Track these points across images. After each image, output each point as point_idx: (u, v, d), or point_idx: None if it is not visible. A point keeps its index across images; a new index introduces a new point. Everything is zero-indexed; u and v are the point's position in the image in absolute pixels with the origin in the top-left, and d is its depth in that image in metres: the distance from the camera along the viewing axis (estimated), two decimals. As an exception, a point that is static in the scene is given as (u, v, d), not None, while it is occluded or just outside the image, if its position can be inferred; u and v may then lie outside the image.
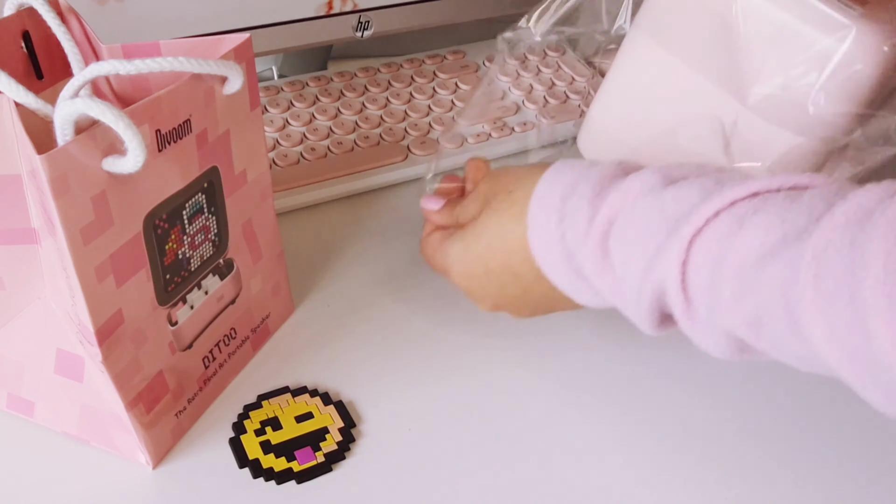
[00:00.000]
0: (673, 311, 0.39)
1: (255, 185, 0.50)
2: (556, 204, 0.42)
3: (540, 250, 0.43)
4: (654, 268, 0.38)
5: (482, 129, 0.74)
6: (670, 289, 0.38)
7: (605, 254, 0.41)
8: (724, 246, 0.36)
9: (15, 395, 0.48)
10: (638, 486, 0.47)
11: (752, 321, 0.35)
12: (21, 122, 0.38)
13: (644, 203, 0.39)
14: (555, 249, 0.43)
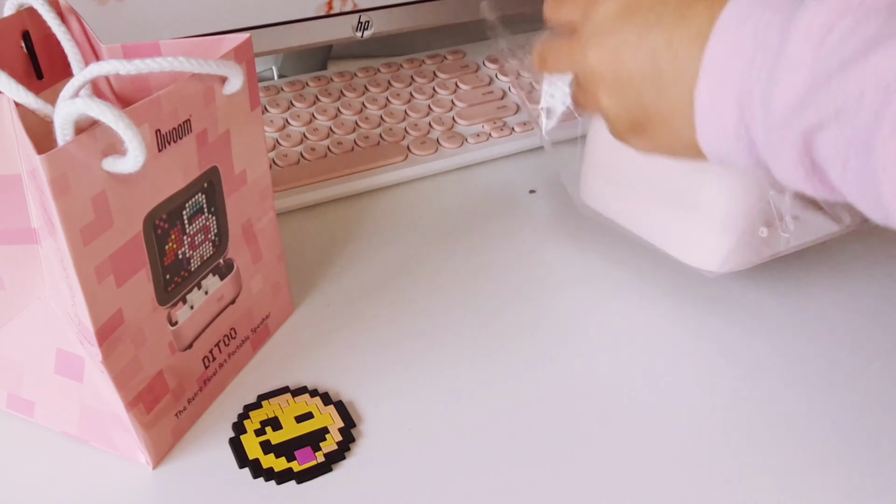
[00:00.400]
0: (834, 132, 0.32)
1: (255, 185, 0.50)
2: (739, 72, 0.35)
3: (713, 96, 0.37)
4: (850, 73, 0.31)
5: (482, 128, 0.74)
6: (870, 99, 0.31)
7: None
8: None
9: (15, 395, 0.48)
10: (639, 486, 0.47)
11: (839, 108, 0.30)
12: (21, 122, 0.38)
13: None
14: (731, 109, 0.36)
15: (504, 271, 0.62)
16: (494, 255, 0.63)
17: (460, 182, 0.71)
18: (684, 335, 0.57)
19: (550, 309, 0.58)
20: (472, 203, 0.68)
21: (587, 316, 0.58)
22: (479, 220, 0.67)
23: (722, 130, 0.37)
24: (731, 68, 0.35)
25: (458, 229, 0.65)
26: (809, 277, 0.61)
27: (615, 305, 0.59)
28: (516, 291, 0.60)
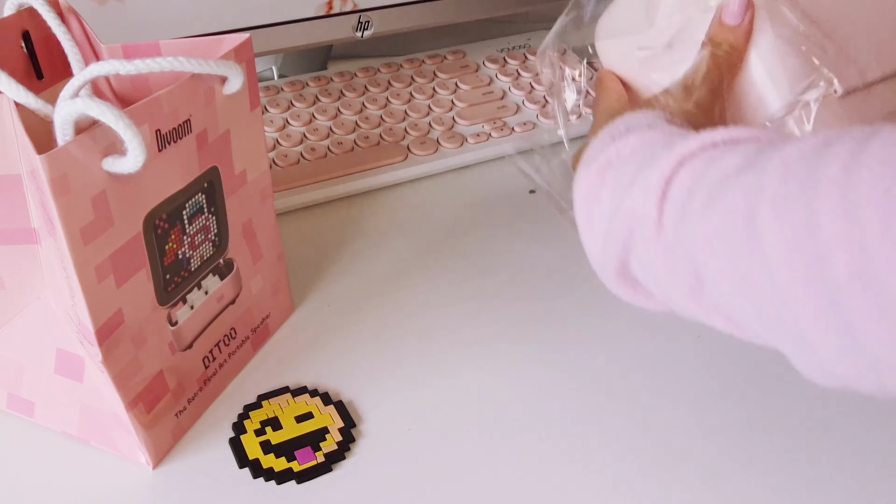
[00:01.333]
0: (641, 236, 0.39)
1: (255, 185, 0.50)
2: (596, 139, 0.45)
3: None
4: (637, 183, 0.39)
5: (482, 128, 0.74)
6: (647, 206, 0.38)
7: (601, 178, 0.42)
8: (709, 166, 0.36)
9: (15, 395, 0.48)
10: (640, 486, 0.47)
11: (714, 233, 0.35)
12: (21, 122, 0.38)
13: (651, 134, 0.41)
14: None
15: (504, 271, 0.62)
16: (494, 255, 0.63)
17: (460, 182, 0.71)
18: (687, 334, 0.57)
19: (551, 309, 0.58)
20: (472, 203, 0.68)
21: (588, 316, 0.58)
22: (479, 220, 0.66)
23: None
24: None
25: (457, 229, 0.65)
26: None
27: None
28: (516, 291, 0.60)
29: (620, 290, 0.43)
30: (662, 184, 0.38)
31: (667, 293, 0.39)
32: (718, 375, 0.54)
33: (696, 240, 0.36)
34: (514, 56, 0.83)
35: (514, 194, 0.70)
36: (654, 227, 0.38)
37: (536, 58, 0.60)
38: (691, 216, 0.36)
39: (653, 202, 0.38)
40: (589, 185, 0.43)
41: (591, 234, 0.43)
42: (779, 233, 0.31)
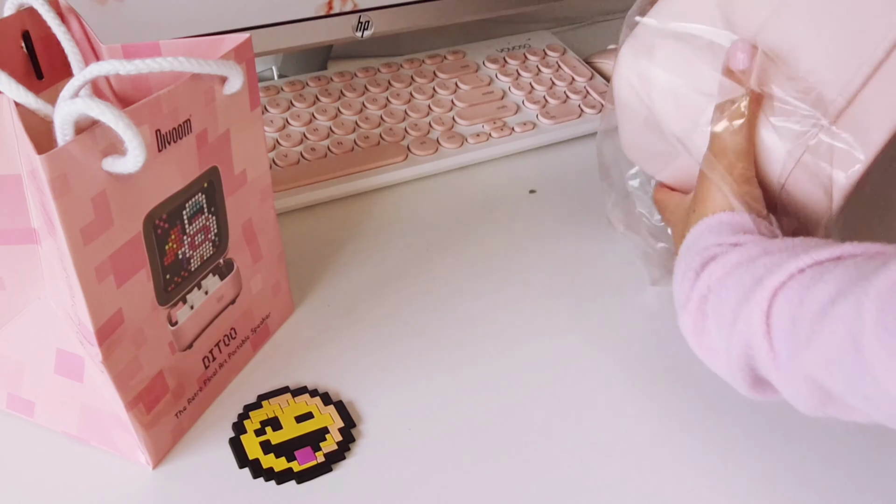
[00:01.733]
0: (760, 361, 0.41)
1: (255, 185, 0.50)
2: (682, 250, 0.48)
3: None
4: (740, 325, 0.41)
5: (482, 128, 0.74)
6: (756, 340, 0.41)
7: (702, 316, 0.44)
8: (803, 296, 0.38)
9: (15, 395, 0.48)
10: (641, 486, 0.47)
11: (824, 361, 0.37)
12: (21, 122, 0.38)
13: (738, 272, 0.43)
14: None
15: (504, 271, 0.62)
16: (494, 255, 0.63)
17: (460, 182, 0.71)
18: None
19: (551, 309, 0.58)
20: (472, 203, 0.68)
21: (588, 316, 0.58)
22: (479, 220, 0.67)
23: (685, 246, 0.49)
24: None
25: (458, 229, 0.65)
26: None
27: (616, 306, 0.59)
28: (517, 292, 0.60)
29: (761, 398, 0.45)
30: (764, 318, 0.40)
31: (800, 401, 0.41)
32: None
33: (811, 365, 0.38)
34: (514, 56, 0.83)
35: (514, 194, 0.70)
36: (767, 355, 0.40)
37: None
38: (800, 347, 0.38)
39: (760, 336, 0.40)
40: (694, 322, 0.45)
41: (714, 361, 0.45)
42: (887, 360, 0.34)
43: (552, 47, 0.85)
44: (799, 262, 0.40)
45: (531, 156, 0.74)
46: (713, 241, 0.46)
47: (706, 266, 0.45)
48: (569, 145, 0.76)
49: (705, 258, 0.45)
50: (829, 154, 0.47)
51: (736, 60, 0.48)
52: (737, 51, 0.48)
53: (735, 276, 0.43)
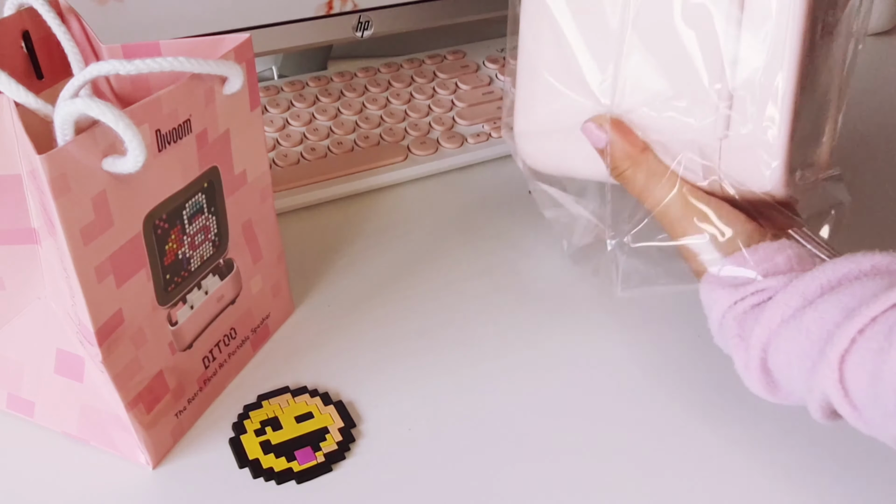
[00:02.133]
0: (843, 413, 0.40)
1: (255, 185, 0.50)
2: (714, 320, 0.47)
3: (709, 321, 0.47)
4: (815, 387, 0.41)
5: (482, 128, 0.74)
6: (835, 401, 0.40)
7: (768, 374, 0.44)
8: (878, 361, 0.38)
9: (15, 395, 0.48)
10: (641, 486, 0.47)
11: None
12: (21, 122, 0.38)
13: (788, 331, 0.42)
14: (718, 339, 0.47)
15: (504, 271, 0.62)
16: (494, 255, 0.63)
17: (460, 182, 0.71)
18: (688, 334, 0.57)
19: (551, 309, 0.58)
20: (472, 203, 0.68)
21: (588, 316, 0.58)
22: (479, 221, 0.67)
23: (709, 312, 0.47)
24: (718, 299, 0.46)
25: (457, 229, 0.65)
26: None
27: (617, 305, 0.59)
28: (517, 292, 0.60)
29: (837, 420, 0.44)
30: (838, 385, 0.39)
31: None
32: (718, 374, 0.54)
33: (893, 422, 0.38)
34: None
35: (514, 194, 0.70)
36: (851, 413, 0.40)
37: None
38: (888, 417, 0.38)
39: (838, 398, 0.40)
40: (762, 384, 0.44)
41: (783, 397, 0.45)
42: None
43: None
44: (855, 324, 0.39)
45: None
46: (729, 298, 0.45)
47: (744, 326, 0.44)
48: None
49: (738, 316, 0.44)
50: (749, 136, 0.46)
51: (596, 139, 0.48)
52: (591, 132, 0.49)
53: (786, 338, 0.42)
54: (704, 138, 0.47)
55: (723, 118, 0.46)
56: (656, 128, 0.48)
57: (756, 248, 0.45)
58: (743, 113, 0.46)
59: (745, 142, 0.46)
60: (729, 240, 0.46)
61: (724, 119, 0.46)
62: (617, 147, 0.48)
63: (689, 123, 0.47)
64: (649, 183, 0.48)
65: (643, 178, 0.48)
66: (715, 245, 0.46)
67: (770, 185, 0.46)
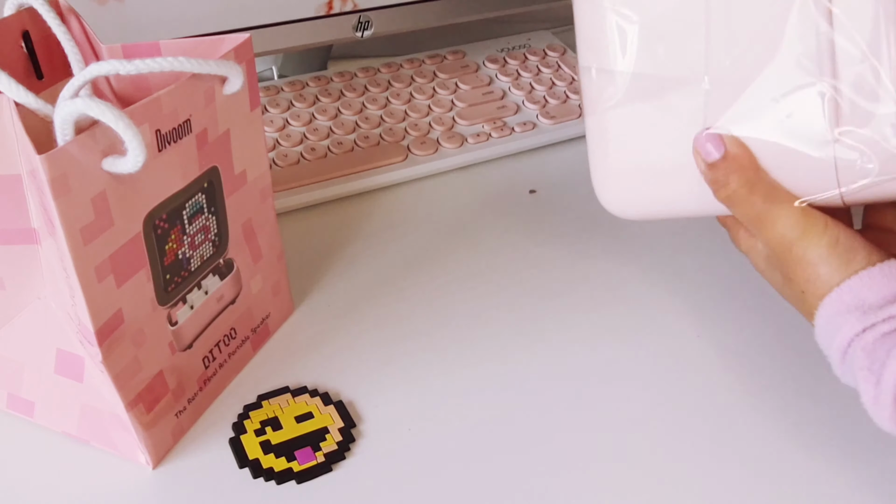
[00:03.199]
0: None
1: (255, 185, 0.50)
2: (838, 348, 0.43)
3: (827, 348, 0.44)
4: None
5: (482, 128, 0.74)
6: None
7: None
8: None
9: (15, 395, 0.48)
10: (641, 487, 0.47)
11: None
12: (21, 122, 0.38)
13: None
14: (840, 370, 0.44)
15: (504, 272, 0.62)
16: (494, 255, 0.63)
17: (460, 182, 0.71)
18: (688, 333, 0.57)
19: (551, 309, 0.58)
20: (472, 203, 0.68)
21: (588, 316, 0.58)
22: (479, 220, 0.66)
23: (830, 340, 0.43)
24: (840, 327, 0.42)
25: (457, 229, 0.65)
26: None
27: (616, 305, 0.59)
28: (517, 292, 0.60)
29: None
30: None
31: None
32: (718, 374, 0.54)
33: None
34: (514, 56, 0.83)
35: (514, 194, 0.70)
36: None
37: None
38: None
39: None
40: (892, 413, 0.41)
41: None
42: None
43: (552, 47, 0.85)
44: None
45: (531, 156, 0.74)
46: (857, 324, 0.41)
47: (875, 357, 0.40)
48: (569, 145, 0.76)
49: (867, 347, 0.41)
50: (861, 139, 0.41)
51: (708, 153, 0.44)
52: (703, 144, 0.44)
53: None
54: (815, 145, 0.42)
55: (831, 115, 0.42)
56: (764, 138, 0.43)
57: (882, 265, 0.42)
58: (857, 110, 0.41)
59: (867, 138, 0.41)
60: (851, 259, 0.42)
61: (834, 115, 0.41)
62: (734, 161, 0.44)
63: (795, 129, 0.42)
64: (767, 205, 0.44)
65: (760, 200, 0.44)
66: (836, 263, 0.42)
67: None
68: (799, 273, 0.44)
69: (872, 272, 0.41)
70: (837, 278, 0.42)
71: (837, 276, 0.42)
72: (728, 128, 0.44)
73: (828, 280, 0.42)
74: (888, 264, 0.42)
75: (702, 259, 0.63)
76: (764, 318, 0.58)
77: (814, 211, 0.43)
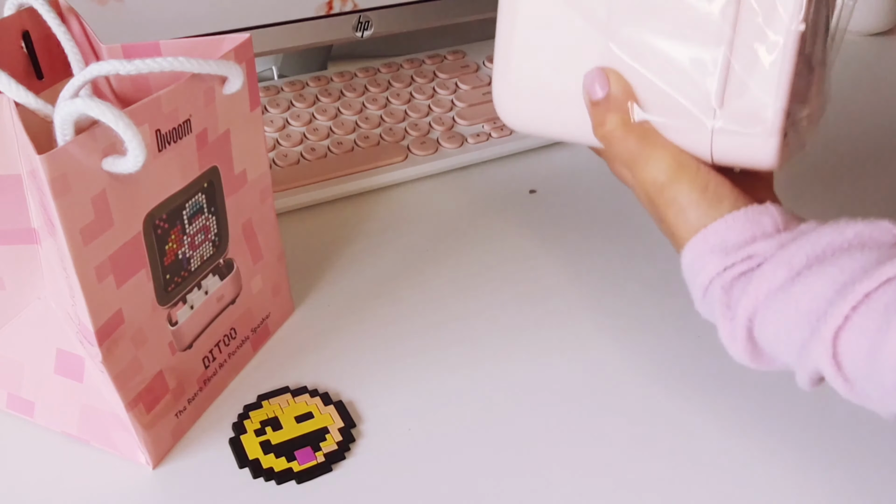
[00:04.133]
0: (834, 385, 0.40)
1: (255, 185, 0.50)
2: (700, 286, 0.44)
3: (691, 286, 0.46)
4: (806, 361, 0.40)
5: (482, 128, 0.74)
6: (828, 375, 0.40)
7: (753, 344, 0.43)
8: (876, 339, 0.37)
9: (15, 395, 0.48)
10: (641, 486, 0.47)
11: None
12: (21, 122, 0.38)
13: (776, 303, 0.41)
14: (701, 307, 0.45)
15: (504, 272, 0.62)
16: (494, 255, 0.63)
17: (460, 182, 0.71)
18: (687, 333, 0.57)
19: (550, 309, 0.58)
20: (472, 203, 0.68)
21: (587, 316, 0.58)
22: (479, 220, 0.67)
23: (694, 278, 0.45)
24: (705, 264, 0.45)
25: (457, 229, 0.65)
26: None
27: (616, 305, 0.59)
28: (516, 292, 0.60)
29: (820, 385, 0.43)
30: (830, 360, 0.39)
31: (884, 410, 0.40)
32: (719, 373, 0.54)
33: (887, 392, 0.38)
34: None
35: (514, 194, 0.70)
36: (843, 386, 0.39)
37: None
38: (887, 394, 0.38)
39: (831, 373, 0.39)
40: (747, 352, 0.43)
41: (765, 364, 0.44)
42: None
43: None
44: (848, 302, 0.38)
45: (531, 156, 0.74)
46: (718, 264, 0.43)
47: (731, 295, 0.43)
48: (569, 145, 0.76)
49: (726, 285, 0.43)
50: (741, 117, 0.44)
51: (594, 91, 0.45)
52: (592, 81, 0.45)
53: (774, 310, 0.41)
54: (698, 107, 0.44)
55: (719, 86, 0.43)
56: (650, 87, 0.45)
57: (745, 210, 0.44)
58: (740, 84, 0.43)
59: (742, 114, 0.44)
60: (718, 204, 0.44)
61: (721, 87, 0.44)
62: (615, 103, 0.45)
63: (686, 88, 0.44)
64: (640, 147, 0.45)
65: (635, 141, 0.45)
66: (704, 207, 0.44)
67: (766, 160, 0.44)
68: (669, 215, 0.45)
69: (737, 216, 0.43)
70: (705, 221, 0.44)
71: (705, 219, 0.44)
72: (620, 55, 0.45)
73: (695, 223, 0.44)
74: (752, 209, 0.44)
75: (702, 259, 0.63)
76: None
77: (686, 156, 0.45)
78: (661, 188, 0.45)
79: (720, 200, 0.44)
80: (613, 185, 0.71)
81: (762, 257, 0.43)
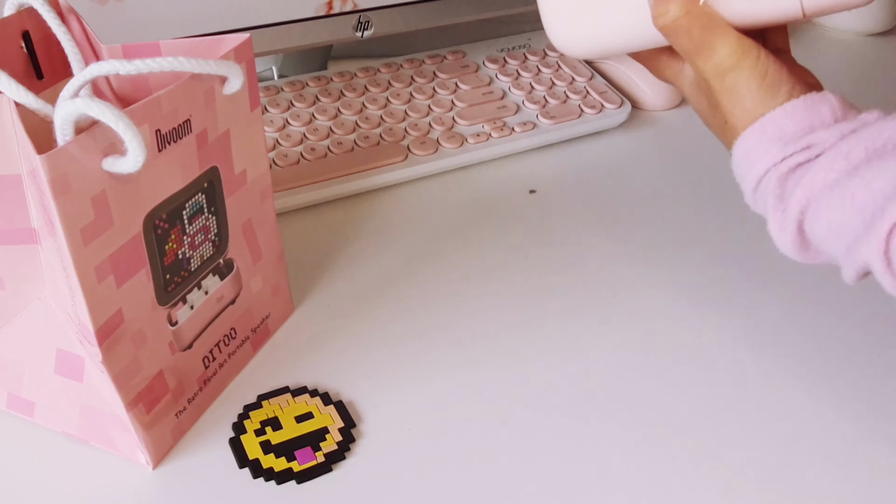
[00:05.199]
0: (885, 285, 0.40)
1: (255, 185, 0.50)
2: (754, 177, 0.44)
3: (742, 178, 0.45)
4: (856, 255, 0.40)
5: (482, 128, 0.74)
6: (877, 271, 0.39)
7: (803, 237, 0.43)
8: None
9: (15, 395, 0.48)
10: (641, 486, 0.47)
11: None
12: (21, 122, 0.38)
13: (831, 197, 0.41)
14: (751, 198, 0.45)
15: (504, 271, 0.62)
16: (494, 255, 0.63)
17: (460, 182, 0.71)
18: (687, 334, 0.57)
19: (550, 309, 0.58)
20: (472, 203, 0.68)
21: (588, 316, 0.58)
22: (479, 221, 0.67)
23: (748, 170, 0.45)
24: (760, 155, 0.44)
25: (458, 229, 0.65)
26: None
27: (617, 305, 0.59)
28: (516, 292, 0.60)
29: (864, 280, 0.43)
30: (882, 256, 0.39)
31: None
32: (719, 374, 0.54)
33: None
34: (514, 56, 0.83)
35: (514, 194, 0.70)
36: (890, 280, 0.39)
37: None
38: None
39: (880, 269, 0.39)
40: (795, 245, 0.43)
41: (811, 257, 0.44)
42: None
43: (552, 47, 0.85)
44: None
45: (531, 156, 0.74)
46: (777, 154, 0.43)
47: (786, 187, 0.42)
48: (569, 145, 0.76)
49: (782, 176, 0.43)
50: None
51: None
52: None
53: (828, 204, 0.41)
54: None
55: None
56: None
57: (805, 97, 0.43)
58: None
59: None
60: (776, 92, 0.44)
61: None
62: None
63: None
64: (705, 33, 0.44)
65: (699, 29, 0.44)
66: (762, 95, 0.44)
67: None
68: (725, 102, 0.45)
69: (796, 104, 0.43)
70: (762, 109, 0.44)
71: (762, 107, 0.44)
72: None
73: (752, 111, 0.44)
74: (811, 97, 0.43)
75: (702, 259, 0.63)
76: (764, 319, 0.58)
77: (749, 41, 0.45)
78: (723, 75, 0.45)
79: (777, 89, 0.44)
80: (613, 185, 0.71)
81: (821, 147, 0.42)
